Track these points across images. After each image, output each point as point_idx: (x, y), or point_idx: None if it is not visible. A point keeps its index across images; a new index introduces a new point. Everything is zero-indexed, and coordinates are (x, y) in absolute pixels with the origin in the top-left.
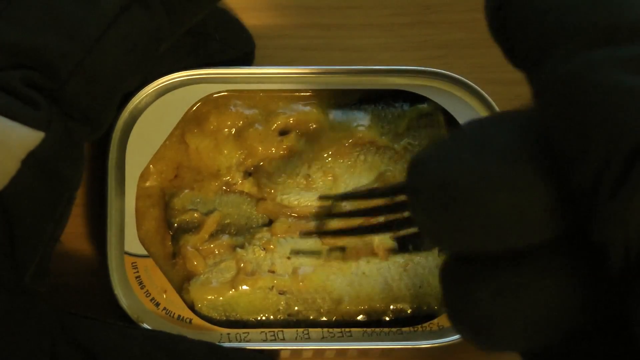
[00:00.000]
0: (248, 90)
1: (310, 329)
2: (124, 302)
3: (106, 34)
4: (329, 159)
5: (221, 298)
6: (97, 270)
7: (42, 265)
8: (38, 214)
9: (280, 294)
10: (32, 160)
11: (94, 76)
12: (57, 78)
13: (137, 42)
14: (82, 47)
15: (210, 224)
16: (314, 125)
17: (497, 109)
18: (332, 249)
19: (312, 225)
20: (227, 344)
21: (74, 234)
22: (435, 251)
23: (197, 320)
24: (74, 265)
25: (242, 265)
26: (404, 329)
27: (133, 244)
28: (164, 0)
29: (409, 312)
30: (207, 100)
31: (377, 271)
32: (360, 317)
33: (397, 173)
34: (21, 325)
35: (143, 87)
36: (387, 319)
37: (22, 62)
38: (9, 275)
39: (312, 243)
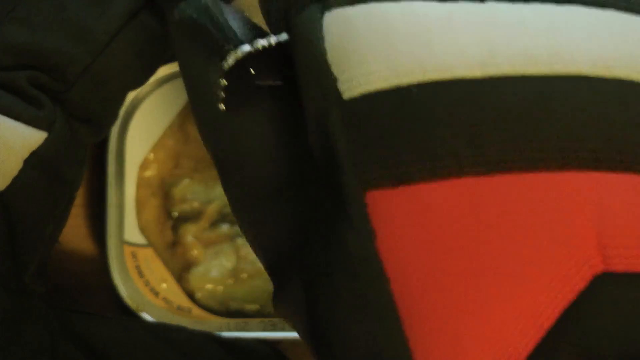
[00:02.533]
0: None
1: None
2: (123, 291)
3: (115, 39)
4: None
5: (221, 287)
6: (96, 267)
7: (40, 265)
8: (39, 214)
9: None
10: (35, 160)
11: (101, 80)
12: (65, 81)
13: (145, 49)
14: (90, 51)
15: (211, 213)
16: None
17: None
18: None
19: None
20: (226, 333)
21: (73, 234)
22: None
23: (196, 309)
24: (73, 265)
25: (242, 254)
26: None
27: (133, 233)
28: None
29: None
30: None
31: None
32: None
33: None
34: (21, 325)
35: None
36: None
37: (30, 63)
38: (9, 275)
39: None
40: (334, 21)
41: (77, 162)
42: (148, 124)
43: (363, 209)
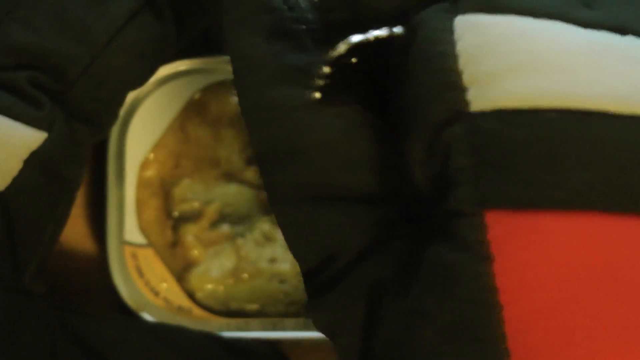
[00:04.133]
0: None
1: None
2: (123, 291)
3: (115, 39)
4: None
5: (221, 287)
6: (96, 267)
7: (40, 266)
8: (39, 214)
9: (280, 283)
10: (35, 160)
11: (101, 80)
12: (65, 81)
13: (145, 49)
14: (90, 51)
15: (211, 213)
16: None
17: None
18: None
19: None
20: (226, 333)
21: (73, 234)
22: None
23: (196, 309)
24: (73, 265)
25: (242, 254)
26: None
27: (133, 233)
28: (174, 7)
29: None
30: (207, 89)
31: None
32: None
33: None
34: (21, 326)
35: None
36: None
37: (30, 64)
38: (9, 276)
39: None
40: (469, 27)
41: (77, 162)
42: (148, 124)
43: (482, 229)
